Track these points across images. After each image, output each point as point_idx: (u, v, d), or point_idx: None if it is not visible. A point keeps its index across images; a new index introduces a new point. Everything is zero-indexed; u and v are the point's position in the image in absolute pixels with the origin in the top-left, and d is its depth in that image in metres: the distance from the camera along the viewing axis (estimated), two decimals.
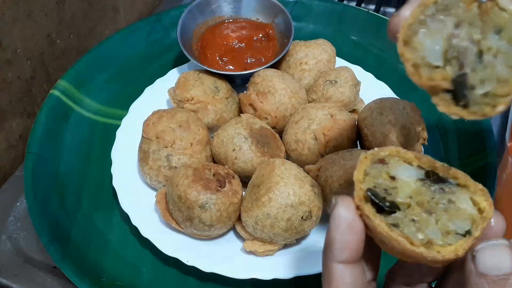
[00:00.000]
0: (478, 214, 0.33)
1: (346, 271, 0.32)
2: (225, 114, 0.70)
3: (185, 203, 0.57)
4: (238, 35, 0.78)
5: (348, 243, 0.32)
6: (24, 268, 0.63)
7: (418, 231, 0.32)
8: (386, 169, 0.35)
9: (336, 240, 0.32)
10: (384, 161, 0.35)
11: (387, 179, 0.34)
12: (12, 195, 0.70)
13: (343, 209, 0.32)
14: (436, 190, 0.34)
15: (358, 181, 0.34)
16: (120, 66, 0.80)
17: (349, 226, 0.32)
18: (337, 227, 0.32)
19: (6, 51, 0.70)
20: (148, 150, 0.63)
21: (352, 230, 0.32)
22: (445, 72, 0.33)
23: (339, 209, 0.32)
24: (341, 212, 0.32)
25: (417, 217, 0.33)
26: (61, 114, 0.72)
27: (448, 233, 0.32)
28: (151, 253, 0.61)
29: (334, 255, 0.32)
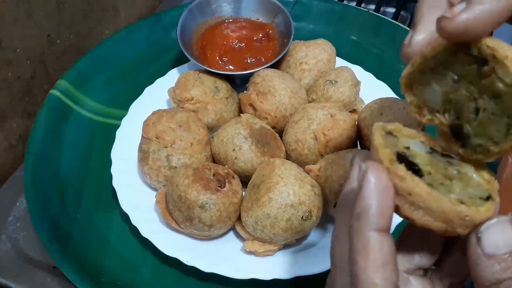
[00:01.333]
0: (486, 184, 0.33)
1: (385, 240, 0.29)
2: (225, 114, 0.70)
3: (185, 203, 0.57)
4: (238, 35, 0.78)
5: (386, 208, 0.29)
6: (24, 268, 0.63)
7: (449, 193, 0.32)
8: (399, 141, 0.34)
9: (373, 205, 0.29)
10: (392, 134, 0.34)
11: (403, 149, 0.34)
12: (12, 195, 0.70)
13: (377, 172, 0.30)
14: (445, 162, 0.34)
15: (381, 145, 0.32)
16: (120, 66, 0.80)
17: (385, 189, 0.30)
18: (373, 191, 0.29)
19: (6, 51, 0.70)
20: (148, 150, 0.63)
21: (389, 194, 0.30)
22: (442, 118, 0.36)
23: (373, 172, 0.30)
24: (376, 174, 0.30)
25: (442, 181, 0.32)
26: (61, 114, 0.72)
27: (472, 197, 0.32)
28: (151, 253, 0.61)
29: (371, 222, 0.29)
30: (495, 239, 0.29)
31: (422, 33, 0.34)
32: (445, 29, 0.30)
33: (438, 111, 0.35)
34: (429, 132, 0.38)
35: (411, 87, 0.36)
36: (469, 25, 0.30)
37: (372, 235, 0.29)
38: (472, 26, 0.30)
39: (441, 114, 0.36)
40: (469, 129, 0.34)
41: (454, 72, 0.34)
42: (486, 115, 0.33)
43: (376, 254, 0.29)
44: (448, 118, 0.35)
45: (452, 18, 0.30)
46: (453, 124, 0.35)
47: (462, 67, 0.33)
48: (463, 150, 0.35)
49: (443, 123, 0.35)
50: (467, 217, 0.30)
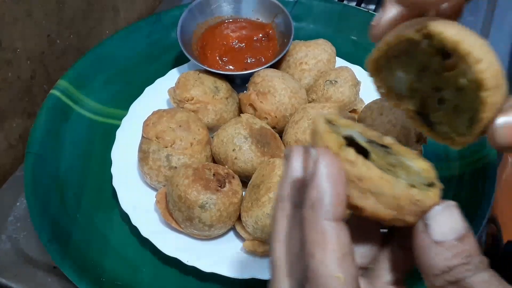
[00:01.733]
0: (424, 172, 0.32)
1: (342, 230, 0.27)
2: (225, 114, 0.70)
3: (185, 203, 0.57)
4: (238, 35, 0.78)
5: (341, 196, 0.27)
6: (24, 268, 0.63)
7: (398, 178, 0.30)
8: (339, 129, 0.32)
9: (327, 193, 0.27)
10: (332, 123, 0.32)
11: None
12: (12, 195, 0.70)
13: (329, 158, 0.27)
14: (384, 151, 0.32)
15: (327, 131, 0.29)
16: (120, 66, 0.80)
17: (339, 176, 0.27)
18: (327, 179, 0.27)
19: (6, 51, 0.70)
20: (148, 150, 0.63)
21: (342, 181, 0.28)
22: (409, 103, 0.35)
23: (324, 159, 0.27)
24: (328, 161, 0.27)
25: (388, 168, 0.30)
26: (61, 114, 0.72)
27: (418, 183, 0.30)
28: (151, 253, 0.61)
29: (327, 211, 0.27)
30: (443, 225, 0.28)
31: (390, 12, 0.33)
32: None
33: (405, 96, 0.36)
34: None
35: (379, 72, 0.36)
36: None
37: (328, 224, 0.27)
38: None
39: (407, 100, 0.35)
40: (434, 118, 0.34)
41: (418, 62, 0.33)
42: (449, 107, 0.33)
43: (335, 245, 0.27)
44: (414, 105, 0.35)
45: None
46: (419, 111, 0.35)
47: (426, 58, 0.32)
48: (433, 134, 0.35)
49: (409, 109, 0.36)
50: (418, 202, 0.29)
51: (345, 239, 0.27)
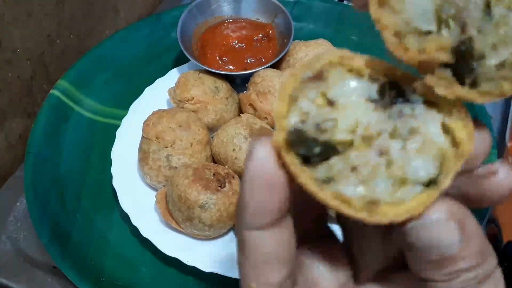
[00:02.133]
0: (451, 148, 0.23)
1: (266, 238, 0.24)
2: (225, 114, 0.70)
3: (185, 203, 0.57)
4: (238, 35, 0.78)
5: (267, 205, 0.24)
6: (24, 268, 0.63)
7: (360, 183, 0.23)
8: (324, 89, 0.24)
9: (250, 203, 0.24)
10: (322, 76, 0.24)
11: (322, 105, 0.24)
12: (12, 195, 0.70)
13: (261, 158, 0.23)
14: (393, 115, 0.24)
15: (280, 116, 0.23)
16: (120, 66, 0.80)
17: (268, 182, 0.23)
18: (252, 183, 0.24)
19: (6, 51, 0.70)
20: (148, 150, 0.63)
21: (273, 188, 0.24)
22: (442, 38, 0.23)
23: (256, 157, 0.23)
24: (258, 161, 0.23)
25: (360, 161, 0.24)
26: (61, 114, 0.72)
27: (403, 183, 0.23)
28: (151, 253, 0.61)
29: (248, 222, 0.24)
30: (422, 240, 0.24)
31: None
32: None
33: (430, 32, 0.23)
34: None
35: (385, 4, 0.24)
36: None
37: (248, 234, 0.25)
38: None
39: (437, 33, 0.23)
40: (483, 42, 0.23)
41: None
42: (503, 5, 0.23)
43: (253, 254, 0.25)
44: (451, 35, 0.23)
45: None
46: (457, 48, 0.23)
47: None
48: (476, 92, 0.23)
49: (444, 45, 0.23)
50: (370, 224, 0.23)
51: (271, 247, 0.25)
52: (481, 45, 0.23)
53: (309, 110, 0.24)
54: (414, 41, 0.24)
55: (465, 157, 0.23)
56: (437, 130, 0.24)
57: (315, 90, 0.24)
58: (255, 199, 0.24)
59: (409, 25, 0.24)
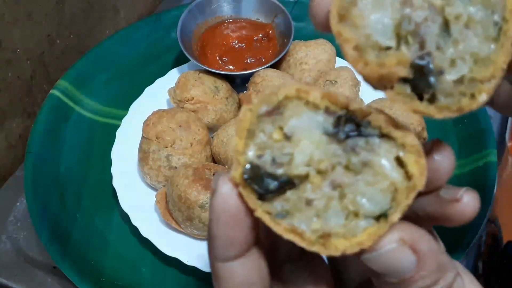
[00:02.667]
0: (404, 181, 0.24)
1: (237, 268, 0.26)
2: (225, 114, 0.70)
3: (185, 203, 0.57)
4: (238, 35, 0.78)
5: (234, 238, 0.25)
6: (24, 268, 0.63)
7: (314, 217, 0.24)
8: (280, 123, 0.25)
9: (217, 237, 0.25)
10: (278, 109, 0.25)
11: (279, 139, 0.25)
12: (12, 195, 0.70)
13: (224, 194, 0.25)
14: (347, 149, 0.24)
15: (238, 152, 0.24)
16: (120, 66, 0.80)
17: (233, 217, 0.25)
18: (218, 220, 0.25)
19: (6, 51, 0.70)
20: (148, 150, 0.63)
21: (238, 222, 0.25)
22: (401, 54, 0.24)
23: (219, 194, 0.25)
24: (221, 198, 0.25)
25: (315, 195, 0.24)
26: (61, 114, 0.72)
27: (356, 216, 0.24)
28: (151, 253, 0.61)
29: (217, 254, 0.26)
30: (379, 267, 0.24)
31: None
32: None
33: (389, 47, 0.24)
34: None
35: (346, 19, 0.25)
36: None
37: (220, 266, 0.26)
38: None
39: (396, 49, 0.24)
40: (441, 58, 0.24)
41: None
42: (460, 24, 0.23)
43: (225, 285, 0.26)
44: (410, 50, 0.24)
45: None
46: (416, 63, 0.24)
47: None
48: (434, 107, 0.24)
49: (403, 60, 0.24)
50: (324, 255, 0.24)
51: (242, 277, 0.26)
52: (439, 61, 0.24)
53: (266, 145, 0.25)
54: (374, 56, 0.24)
55: (416, 192, 0.24)
56: (391, 164, 0.24)
57: (271, 124, 0.25)
58: (222, 234, 0.25)
59: (369, 40, 0.24)
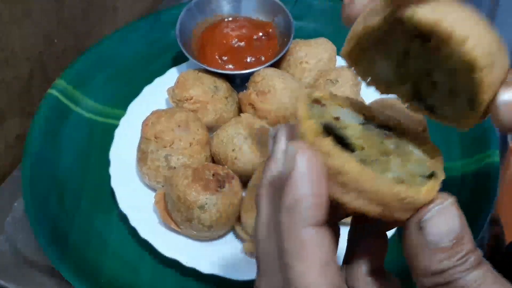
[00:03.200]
0: (429, 159, 0.29)
1: (323, 236, 0.24)
2: (224, 113, 0.69)
3: (184, 204, 0.57)
4: (238, 34, 0.77)
5: (322, 197, 0.24)
6: (22, 269, 0.63)
7: (385, 171, 0.27)
8: (327, 110, 0.29)
9: (306, 196, 0.24)
10: (320, 102, 0.29)
11: (331, 119, 0.29)
12: (10, 195, 0.70)
13: (308, 156, 0.24)
14: (381, 135, 0.29)
15: (305, 116, 0.26)
16: (119, 65, 0.79)
17: (319, 175, 0.24)
18: (305, 180, 0.24)
19: (4, 51, 0.69)
20: (147, 150, 0.62)
21: (322, 180, 0.24)
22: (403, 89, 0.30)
23: (303, 157, 0.24)
24: (307, 159, 0.24)
25: (377, 157, 0.27)
26: (60, 114, 0.72)
27: (413, 176, 0.27)
28: (150, 254, 0.61)
29: (305, 217, 0.24)
30: (440, 227, 0.26)
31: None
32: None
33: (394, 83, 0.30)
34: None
35: (358, 62, 0.31)
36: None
37: (308, 232, 0.24)
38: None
39: (398, 86, 0.30)
40: (431, 102, 0.29)
41: (398, 48, 0.28)
42: (444, 90, 0.28)
43: (316, 255, 0.24)
44: (406, 91, 0.30)
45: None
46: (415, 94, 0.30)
47: (404, 43, 0.28)
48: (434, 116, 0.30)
49: (403, 94, 0.30)
50: (405, 200, 0.26)
51: (327, 246, 0.24)
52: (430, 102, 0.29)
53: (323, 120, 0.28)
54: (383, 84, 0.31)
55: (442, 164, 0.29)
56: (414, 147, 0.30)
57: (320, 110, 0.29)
58: (316, 192, 0.24)
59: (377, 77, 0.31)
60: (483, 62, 0.24)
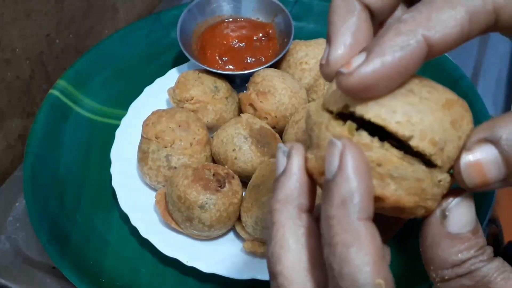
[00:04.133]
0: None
1: (375, 230, 0.25)
2: (225, 114, 0.70)
3: (185, 203, 0.57)
4: (238, 35, 0.77)
5: (371, 191, 0.25)
6: (23, 268, 0.63)
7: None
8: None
9: (358, 188, 0.24)
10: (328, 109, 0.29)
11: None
12: (11, 195, 0.70)
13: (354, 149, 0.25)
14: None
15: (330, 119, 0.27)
16: (119, 65, 0.80)
17: (367, 167, 0.25)
18: (355, 173, 0.24)
19: (5, 51, 0.69)
20: (148, 150, 0.63)
21: (369, 173, 0.25)
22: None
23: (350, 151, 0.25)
24: (354, 152, 0.25)
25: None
26: (60, 114, 0.72)
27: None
28: (151, 253, 0.61)
29: (360, 209, 0.24)
30: (462, 217, 0.27)
31: (338, 48, 0.28)
32: (343, 86, 0.26)
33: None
34: None
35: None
36: (368, 81, 0.25)
37: (362, 224, 0.24)
38: (371, 82, 0.25)
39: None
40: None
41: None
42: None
43: (372, 248, 0.24)
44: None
45: (348, 74, 0.25)
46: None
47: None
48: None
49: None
50: (440, 182, 0.27)
51: (379, 240, 0.25)
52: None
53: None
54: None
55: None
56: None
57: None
58: (366, 185, 0.25)
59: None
60: (431, 151, 0.26)
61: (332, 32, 0.28)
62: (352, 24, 0.28)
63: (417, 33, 0.25)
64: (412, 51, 0.25)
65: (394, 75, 0.25)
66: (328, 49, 0.28)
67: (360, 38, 0.28)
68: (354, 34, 0.28)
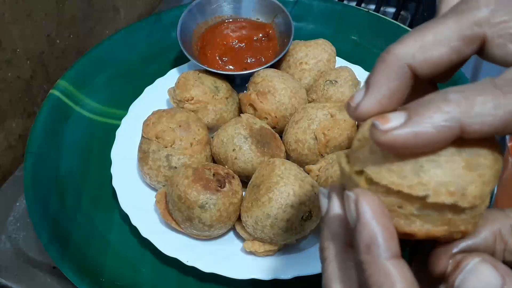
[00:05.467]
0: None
1: (404, 266, 0.26)
2: (225, 114, 0.70)
3: (185, 203, 0.57)
4: (238, 35, 0.78)
5: (392, 231, 0.27)
6: (23, 268, 0.63)
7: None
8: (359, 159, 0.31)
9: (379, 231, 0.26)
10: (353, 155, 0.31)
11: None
12: (12, 195, 0.70)
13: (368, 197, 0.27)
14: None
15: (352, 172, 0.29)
16: (120, 66, 0.80)
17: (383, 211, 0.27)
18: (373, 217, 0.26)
19: (6, 51, 0.70)
20: (148, 150, 0.63)
21: (387, 216, 0.27)
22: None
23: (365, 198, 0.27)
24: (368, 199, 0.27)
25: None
26: (61, 114, 0.72)
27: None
28: (151, 253, 0.61)
29: (385, 250, 0.26)
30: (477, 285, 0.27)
31: (374, 99, 0.29)
32: (376, 139, 0.27)
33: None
34: None
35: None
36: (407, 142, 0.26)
37: (391, 264, 0.26)
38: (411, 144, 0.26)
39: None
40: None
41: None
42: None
43: (403, 284, 0.26)
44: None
45: (384, 131, 0.26)
46: None
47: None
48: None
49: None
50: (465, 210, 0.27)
51: (410, 274, 0.26)
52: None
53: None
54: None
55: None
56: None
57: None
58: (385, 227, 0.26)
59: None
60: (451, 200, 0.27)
61: (374, 81, 0.29)
62: (394, 85, 0.28)
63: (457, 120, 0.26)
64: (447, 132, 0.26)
65: (424, 147, 0.26)
66: (363, 94, 0.29)
67: (394, 100, 0.29)
68: (392, 94, 0.29)
